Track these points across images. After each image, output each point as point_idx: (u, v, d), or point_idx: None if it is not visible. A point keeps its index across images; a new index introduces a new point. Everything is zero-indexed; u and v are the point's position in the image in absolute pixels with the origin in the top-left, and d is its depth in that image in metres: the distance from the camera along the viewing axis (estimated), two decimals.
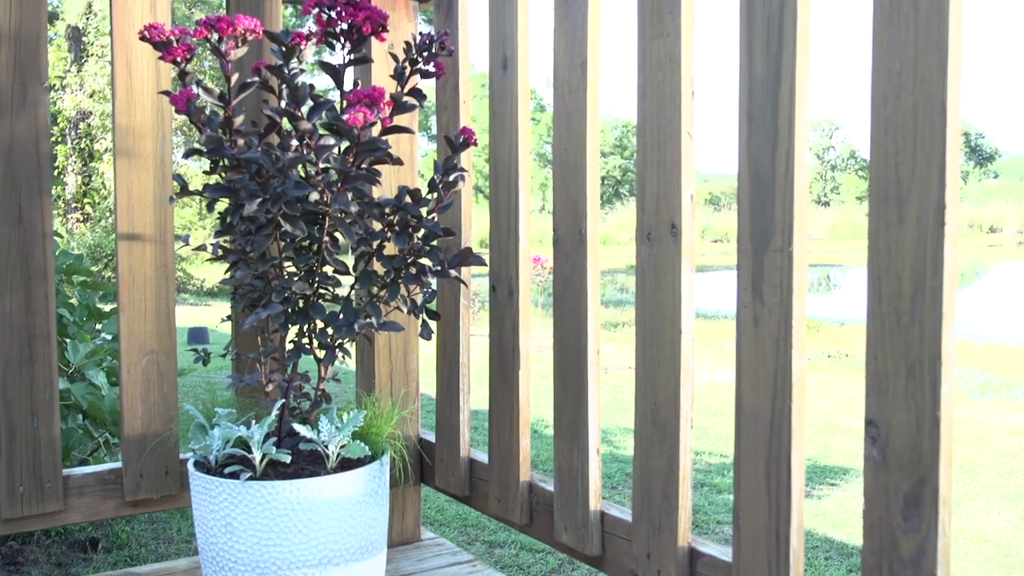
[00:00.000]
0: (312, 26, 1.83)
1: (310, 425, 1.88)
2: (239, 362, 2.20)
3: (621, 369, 8.34)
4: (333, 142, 1.77)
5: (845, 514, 4.44)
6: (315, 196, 1.76)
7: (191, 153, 1.82)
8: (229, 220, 1.83)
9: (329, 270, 1.88)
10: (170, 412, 2.17)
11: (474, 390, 2.34)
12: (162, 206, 2.14)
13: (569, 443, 1.90)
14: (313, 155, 1.75)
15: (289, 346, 1.94)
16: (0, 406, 2.00)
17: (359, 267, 1.87)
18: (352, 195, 1.79)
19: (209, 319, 11.04)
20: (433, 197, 1.85)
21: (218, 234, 1.90)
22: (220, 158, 1.79)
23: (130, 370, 2.12)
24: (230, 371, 2.28)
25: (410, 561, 2.33)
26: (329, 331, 1.89)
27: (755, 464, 1.47)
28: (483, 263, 1.92)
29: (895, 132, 1.24)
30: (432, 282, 1.91)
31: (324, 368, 1.93)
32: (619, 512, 1.84)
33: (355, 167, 1.75)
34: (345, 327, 1.85)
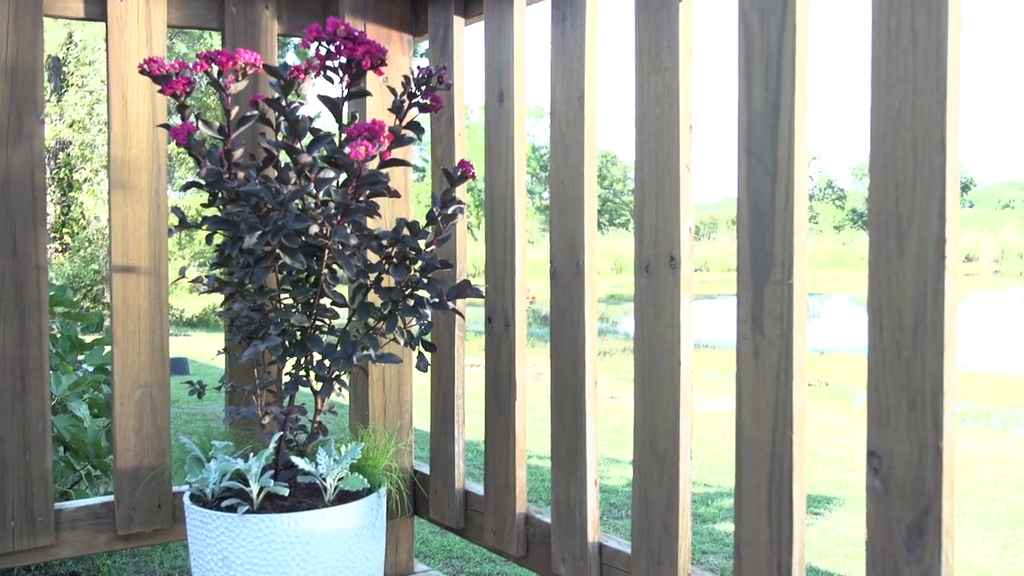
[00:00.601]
0: (295, 58, 1.84)
1: (307, 457, 1.87)
2: (234, 394, 2.19)
3: (603, 399, 8.34)
4: (332, 175, 1.77)
5: (830, 543, 4.45)
6: (315, 229, 1.77)
7: (190, 186, 1.83)
8: (227, 252, 1.83)
9: (327, 302, 1.89)
10: (163, 445, 2.16)
11: (466, 421, 2.34)
12: (157, 238, 2.14)
13: (567, 474, 1.90)
14: (313, 187, 1.76)
15: (286, 378, 1.94)
16: None
17: (356, 299, 1.88)
18: (351, 227, 1.79)
19: (189, 349, 10.96)
20: (431, 229, 1.86)
21: (214, 266, 1.91)
22: (220, 191, 1.80)
23: (123, 403, 2.11)
24: (218, 402, 2.27)
25: None
26: (327, 363, 1.89)
27: (756, 495, 1.48)
28: (481, 295, 1.93)
29: (895, 167, 1.26)
30: (428, 313, 1.91)
31: (321, 400, 1.93)
32: (617, 543, 1.84)
33: (355, 199, 1.76)
34: (343, 359, 1.85)
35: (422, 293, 1.89)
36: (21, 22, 1.99)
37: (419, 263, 1.85)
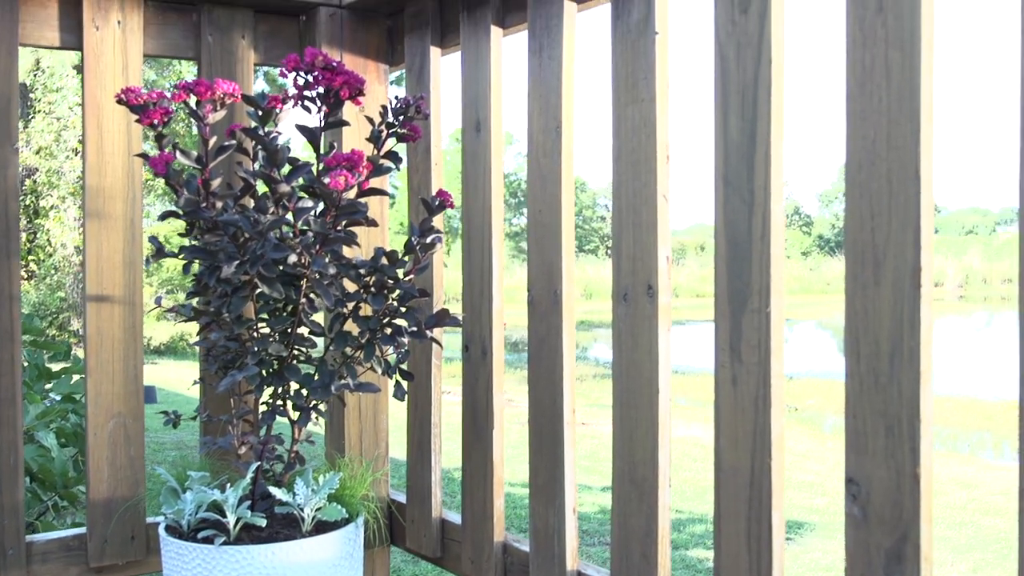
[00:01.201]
0: (264, 84, 1.85)
1: (285, 487, 1.86)
2: (209, 424, 2.18)
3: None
4: (311, 204, 1.78)
5: (802, 569, 4.47)
6: (293, 258, 1.76)
7: (167, 216, 1.82)
8: (205, 282, 1.82)
9: (305, 331, 1.88)
10: (137, 476, 2.14)
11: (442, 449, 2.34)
12: (131, 267, 2.13)
13: (544, 503, 1.90)
14: (291, 217, 1.76)
15: (263, 408, 1.93)
16: None
17: (334, 328, 1.88)
18: (329, 257, 1.80)
19: (157, 378, 10.85)
20: (409, 259, 1.87)
21: (190, 295, 1.90)
22: (198, 220, 1.79)
23: (96, 433, 2.09)
24: (188, 431, 2.25)
25: None
26: (304, 392, 1.88)
27: (735, 522, 1.49)
28: (459, 324, 1.93)
29: (870, 198, 1.28)
30: (406, 342, 1.91)
31: (298, 430, 1.92)
32: (596, 572, 1.84)
33: (333, 229, 1.77)
34: (321, 388, 1.84)
35: (400, 322, 1.89)
36: None
37: (397, 292, 1.85)
